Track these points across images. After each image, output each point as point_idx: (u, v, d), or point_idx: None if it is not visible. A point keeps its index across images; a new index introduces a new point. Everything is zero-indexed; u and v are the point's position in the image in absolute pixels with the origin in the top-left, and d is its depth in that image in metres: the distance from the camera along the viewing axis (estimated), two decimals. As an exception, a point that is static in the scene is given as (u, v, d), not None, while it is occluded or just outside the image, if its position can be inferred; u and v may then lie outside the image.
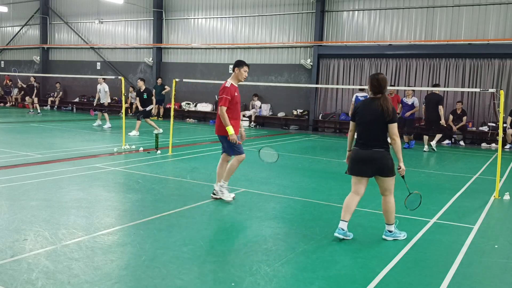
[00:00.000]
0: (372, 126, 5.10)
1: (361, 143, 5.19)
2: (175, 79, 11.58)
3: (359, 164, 5.20)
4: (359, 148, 5.20)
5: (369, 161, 5.13)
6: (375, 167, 5.13)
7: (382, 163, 5.10)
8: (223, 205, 6.53)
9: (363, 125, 5.18)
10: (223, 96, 6.45)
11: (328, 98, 18.98)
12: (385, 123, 5.04)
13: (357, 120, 5.22)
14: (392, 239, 5.28)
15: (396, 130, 5.09)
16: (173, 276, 4.02)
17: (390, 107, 5.03)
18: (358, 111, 5.23)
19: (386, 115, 5.01)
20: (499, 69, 15.83)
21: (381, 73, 5.29)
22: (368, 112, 5.14)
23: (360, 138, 5.22)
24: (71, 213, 5.79)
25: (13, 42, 28.67)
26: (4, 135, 13.87)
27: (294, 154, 12.02)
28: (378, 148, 5.10)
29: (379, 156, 5.10)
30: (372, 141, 5.11)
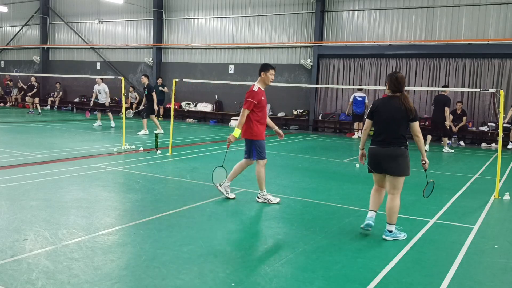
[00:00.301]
0: (392, 124, 5.16)
1: (380, 141, 5.25)
2: (175, 79, 11.58)
3: (379, 161, 5.27)
4: (378, 146, 5.26)
5: (389, 158, 5.20)
6: (394, 164, 5.18)
7: (400, 160, 5.18)
8: (223, 205, 6.53)
9: (382, 123, 5.23)
10: (248, 99, 6.49)
11: (328, 98, 18.98)
12: (407, 121, 5.15)
13: (375, 118, 5.28)
14: (392, 239, 5.28)
15: (418, 128, 5.22)
16: (173, 276, 4.02)
17: (412, 105, 5.15)
18: (377, 109, 5.28)
19: (409, 113, 5.11)
20: (499, 69, 15.83)
21: (399, 72, 5.34)
22: (387, 110, 5.19)
23: (378, 136, 5.27)
24: (71, 213, 5.79)
25: (13, 42, 28.67)
26: (4, 135, 13.88)
27: (294, 154, 12.02)
28: (397, 146, 5.17)
29: (399, 153, 5.17)
30: (392, 139, 5.18)
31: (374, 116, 5.29)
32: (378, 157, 5.25)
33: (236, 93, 20.56)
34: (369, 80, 17.75)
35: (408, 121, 5.15)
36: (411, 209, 6.63)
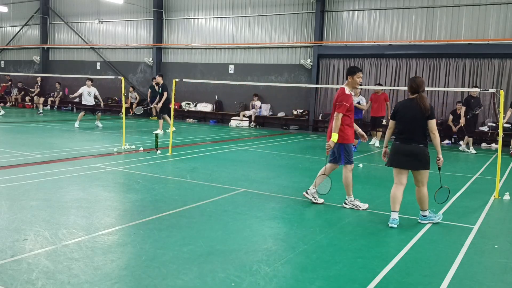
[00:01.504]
0: (412, 123, 5.69)
1: (402, 138, 5.79)
2: (175, 79, 11.58)
3: (400, 157, 5.80)
4: (400, 142, 5.81)
5: (409, 155, 5.73)
6: (414, 161, 5.71)
7: (421, 157, 5.68)
8: (223, 205, 6.53)
9: (404, 123, 5.77)
10: (342, 103, 6.38)
11: (328, 98, 18.97)
12: (424, 119, 5.62)
13: (397, 118, 5.84)
14: (426, 222, 5.89)
15: (435, 126, 5.68)
16: (173, 276, 4.02)
17: (427, 104, 5.63)
18: (398, 110, 5.85)
19: (424, 111, 5.61)
20: (499, 69, 15.82)
21: (419, 77, 5.90)
22: (408, 110, 5.74)
23: (401, 134, 5.81)
24: (71, 213, 5.79)
25: (13, 42, 28.67)
26: (4, 135, 13.88)
27: (294, 154, 12.02)
28: (418, 144, 5.69)
29: (419, 150, 5.69)
30: (413, 137, 5.70)
31: (396, 116, 5.87)
32: (400, 151, 5.79)
33: (236, 93, 20.57)
34: (369, 80, 17.75)
35: (425, 119, 5.61)
36: (411, 209, 6.63)
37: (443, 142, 16.00)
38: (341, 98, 6.40)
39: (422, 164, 5.71)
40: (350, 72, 6.52)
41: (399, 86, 17.08)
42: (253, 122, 19.79)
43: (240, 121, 19.94)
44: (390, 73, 17.52)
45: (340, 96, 6.42)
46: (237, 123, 19.96)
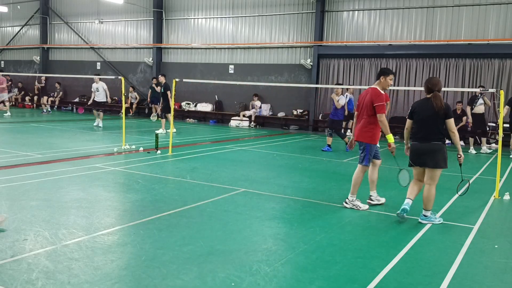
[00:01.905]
0: (429, 122, 5.85)
1: (420, 137, 5.95)
2: (175, 79, 11.58)
3: (419, 156, 5.99)
4: (419, 142, 5.98)
5: (426, 153, 5.90)
6: (430, 158, 5.89)
7: (437, 154, 5.86)
8: (223, 205, 6.53)
9: (421, 122, 5.94)
10: (382, 103, 6.42)
11: (328, 98, 18.96)
12: (441, 118, 5.79)
13: (414, 117, 6.01)
14: (426, 222, 5.92)
15: (453, 125, 5.85)
16: (173, 276, 4.02)
17: (439, 103, 5.78)
18: (415, 110, 6.01)
19: (437, 109, 5.77)
20: (499, 69, 15.83)
21: (434, 77, 6.12)
22: (424, 109, 5.90)
23: (418, 133, 5.97)
24: (71, 213, 5.79)
25: (13, 42, 28.67)
26: (4, 135, 13.88)
27: (294, 154, 12.02)
28: (436, 141, 5.86)
29: (437, 148, 5.87)
30: (430, 135, 5.87)
31: (413, 116, 6.03)
32: (419, 151, 5.97)
33: (236, 93, 20.57)
34: (369, 80, 17.75)
35: (442, 118, 5.78)
36: (411, 209, 6.62)
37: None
38: (380, 98, 6.42)
39: (437, 162, 5.86)
40: (384, 73, 6.53)
41: (399, 86, 17.08)
42: (253, 122, 19.79)
43: (240, 121, 19.94)
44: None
45: (378, 97, 6.41)
46: (237, 123, 19.96)
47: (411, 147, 6.09)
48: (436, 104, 5.77)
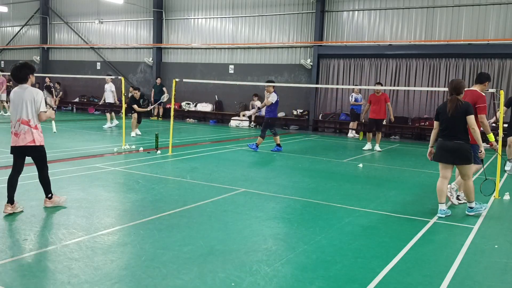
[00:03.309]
0: (451, 121, 6.19)
1: (445, 136, 6.30)
2: (175, 79, 11.58)
3: (443, 152, 6.32)
4: (444, 140, 6.32)
5: (451, 151, 6.24)
6: (456, 156, 6.22)
7: (461, 152, 6.19)
8: (223, 205, 6.53)
9: (445, 122, 6.28)
10: (485, 104, 6.84)
11: (328, 98, 18.98)
12: (462, 117, 6.09)
13: (440, 118, 6.37)
14: (473, 213, 6.34)
15: (473, 121, 6.13)
16: (173, 276, 4.02)
17: (452, 107, 6.13)
18: (440, 111, 6.38)
19: (459, 108, 6.10)
20: (499, 69, 15.83)
21: (457, 79, 6.50)
22: (445, 111, 6.26)
23: (444, 132, 6.32)
24: (71, 213, 5.79)
25: (13, 42, 28.67)
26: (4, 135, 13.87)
27: (294, 154, 12.02)
28: (459, 140, 6.18)
29: (459, 146, 6.18)
30: (454, 134, 6.20)
31: (439, 117, 6.39)
32: (443, 148, 6.30)
33: (236, 93, 20.57)
34: (369, 80, 17.75)
35: (464, 117, 6.08)
36: (411, 209, 6.63)
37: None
38: (481, 100, 6.79)
39: (463, 159, 6.21)
40: (487, 79, 7.18)
41: (399, 86, 17.08)
42: (253, 122, 19.79)
43: (240, 121, 19.95)
44: (390, 73, 17.51)
45: (480, 98, 6.79)
46: (237, 123, 19.96)
47: (438, 144, 6.44)
48: (449, 107, 6.14)
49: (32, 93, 5.69)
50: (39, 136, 5.78)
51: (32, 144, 5.71)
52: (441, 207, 6.28)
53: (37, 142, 5.75)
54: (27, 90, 5.70)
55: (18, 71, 5.72)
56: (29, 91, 5.70)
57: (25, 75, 5.73)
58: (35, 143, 5.72)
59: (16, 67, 5.74)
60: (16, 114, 5.69)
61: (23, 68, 5.73)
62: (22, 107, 5.66)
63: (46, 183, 6.01)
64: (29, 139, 5.69)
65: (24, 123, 5.66)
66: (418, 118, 16.97)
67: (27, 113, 5.66)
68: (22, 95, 5.68)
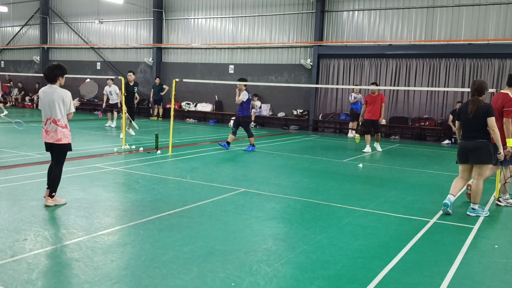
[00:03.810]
0: (471, 122, 6.34)
1: (465, 136, 6.46)
2: (175, 79, 11.57)
3: (464, 154, 6.47)
4: (465, 140, 6.46)
5: (472, 150, 6.35)
6: (475, 155, 6.35)
7: (482, 151, 6.30)
8: (223, 205, 6.53)
9: (464, 122, 6.45)
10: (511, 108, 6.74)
11: (328, 98, 18.98)
12: (482, 118, 6.21)
13: (461, 119, 6.52)
14: (474, 215, 6.35)
15: (493, 123, 6.22)
16: (173, 276, 4.02)
17: (473, 108, 6.27)
18: (460, 111, 6.52)
19: (480, 109, 6.23)
20: (499, 69, 15.83)
21: (478, 80, 6.62)
22: (466, 111, 6.39)
23: (465, 133, 6.48)
24: (71, 213, 5.79)
25: (13, 42, 28.67)
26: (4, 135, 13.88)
27: (294, 154, 12.02)
28: (480, 139, 6.31)
29: (482, 145, 6.30)
30: (474, 134, 6.34)
31: (460, 117, 6.55)
32: (464, 149, 6.46)
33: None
34: (369, 80, 17.74)
35: (484, 118, 6.20)
36: (411, 209, 6.63)
37: (443, 142, 16.02)
38: (510, 104, 6.72)
39: (480, 158, 6.32)
40: None
41: (399, 86, 17.08)
42: (253, 122, 19.78)
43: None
44: (390, 73, 17.51)
45: (508, 102, 6.73)
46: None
47: (459, 145, 6.59)
48: (470, 108, 6.29)
49: (61, 94, 6.05)
50: (67, 134, 6.12)
51: (59, 142, 6.07)
52: (448, 197, 6.41)
53: (63, 141, 6.09)
54: (56, 91, 6.05)
55: (50, 72, 6.07)
56: (58, 92, 6.05)
57: (55, 76, 6.08)
58: (61, 142, 6.08)
59: (49, 67, 6.11)
60: (46, 113, 6.06)
61: (55, 69, 6.08)
62: (52, 107, 6.01)
63: (55, 179, 6.21)
64: (57, 137, 6.04)
65: (54, 122, 6.02)
66: (418, 118, 16.98)
67: (57, 113, 6.01)
68: (51, 95, 6.03)
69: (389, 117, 17.55)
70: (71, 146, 6.24)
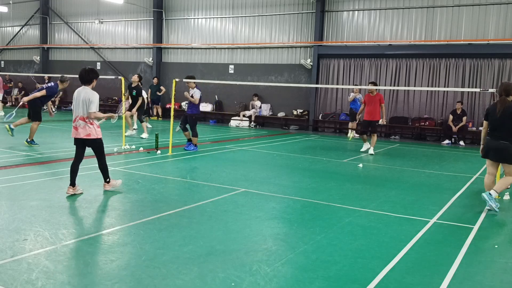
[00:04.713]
0: (498, 122, 6.62)
1: (492, 135, 6.77)
2: (175, 79, 11.57)
3: (490, 150, 6.81)
4: (491, 139, 6.78)
5: (496, 150, 6.70)
6: (501, 155, 6.70)
7: (505, 152, 6.62)
8: (223, 205, 6.53)
9: (492, 122, 6.73)
10: None
11: (328, 98, 18.98)
12: (510, 118, 6.47)
13: (489, 119, 6.79)
14: (488, 200, 6.58)
15: None
16: (173, 276, 4.02)
17: (501, 108, 6.55)
18: (489, 112, 6.81)
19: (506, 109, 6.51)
20: (499, 69, 15.83)
21: (506, 82, 6.93)
22: (494, 111, 6.68)
23: (492, 132, 6.77)
24: (71, 213, 5.79)
25: (13, 42, 28.67)
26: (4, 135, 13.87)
27: (294, 154, 12.02)
28: (503, 141, 6.61)
29: (504, 147, 6.62)
30: (500, 134, 6.63)
31: (488, 117, 6.81)
32: (490, 147, 6.80)
33: (236, 93, 20.57)
34: (369, 80, 17.73)
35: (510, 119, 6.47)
36: (411, 209, 6.63)
37: (443, 142, 16.01)
38: None
39: (507, 159, 6.64)
40: None
41: (399, 86, 17.08)
42: (253, 122, 19.79)
43: (240, 121, 19.94)
44: (390, 73, 17.52)
45: None
46: (237, 123, 19.96)
47: (486, 142, 6.90)
48: (498, 108, 6.56)
49: (89, 94, 6.56)
50: (96, 130, 6.67)
51: (88, 137, 6.63)
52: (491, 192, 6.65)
53: (93, 136, 6.65)
54: (85, 92, 6.58)
55: (86, 74, 6.64)
56: (86, 92, 6.57)
57: (90, 78, 6.66)
58: (91, 137, 6.64)
59: (85, 70, 6.68)
60: (75, 111, 6.61)
61: (90, 73, 6.66)
62: (81, 105, 6.55)
63: (103, 169, 6.94)
64: (85, 133, 6.59)
65: (81, 119, 6.56)
66: (418, 118, 16.98)
67: (83, 111, 6.55)
68: (82, 95, 6.57)
69: (389, 117, 17.55)
70: (102, 140, 6.82)
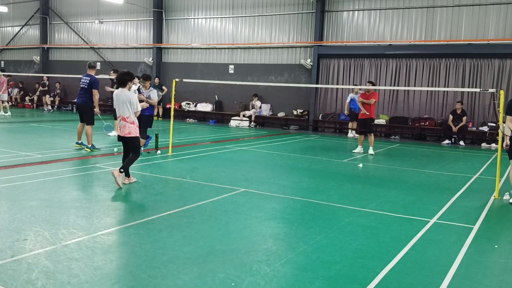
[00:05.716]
0: None
1: None
2: (175, 79, 11.57)
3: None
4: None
5: None
6: None
7: None
8: (223, 205, 6.53)
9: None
10: None
11: (328, 98, 18.98)
12: None
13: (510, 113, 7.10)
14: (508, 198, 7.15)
15: None
16: (173, 276, 4.02)
17: None
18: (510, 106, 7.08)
19: None
20: (499, 69, 15.83)
21: None
22: None
23: None
24: (71, 213, 5.79)
25: (13, 42, 28.66)
26: (4, 135, 13.88)
27: (294, 154, 12.02)
28: None
29: None
30: None
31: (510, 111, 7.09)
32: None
33: (236, 93, 20.57)
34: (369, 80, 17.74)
35: None
36: (411, 209, 6.63)
37: (443, 142, 16.01)
38: None
39: None
40: None
41: (399, 86, 17.08)
42: (253, 122, 19.79)
43: (240, 121, 19.94)
44: (390, 73, 17.51)
45: None
46: (237, 123, 19.97)
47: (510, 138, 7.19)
48: None
49: (128, 96, 7.24)
50: (135, 129, 7.33)
51: (129, 135, 7.31)
52: None
53: (132, 134, 7.32)
54: (124, 94, 7.25)
55: (121, 77, 7.29)
56: (125, 94, 7.24)
57: (125, 81, 7.30)
58: (131, 135, 7.31)
59: (121, 73, 7.35)
60: (118, 112, 7.29)
61: (125, 75, 7.31)
62: (121, 106, 7.22)
63: (129, 161, 7.36)
64: (126, 131, 7.28)
65: (123, 119, 7.25)
66: (418, 118, 16.97)
67: (125, 112, 7.23)
68: (121, 97, 7.23)
69: (389, 117, 17.56)
70: (139, 138, 7.52)
